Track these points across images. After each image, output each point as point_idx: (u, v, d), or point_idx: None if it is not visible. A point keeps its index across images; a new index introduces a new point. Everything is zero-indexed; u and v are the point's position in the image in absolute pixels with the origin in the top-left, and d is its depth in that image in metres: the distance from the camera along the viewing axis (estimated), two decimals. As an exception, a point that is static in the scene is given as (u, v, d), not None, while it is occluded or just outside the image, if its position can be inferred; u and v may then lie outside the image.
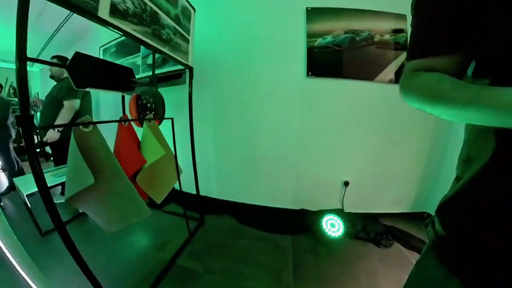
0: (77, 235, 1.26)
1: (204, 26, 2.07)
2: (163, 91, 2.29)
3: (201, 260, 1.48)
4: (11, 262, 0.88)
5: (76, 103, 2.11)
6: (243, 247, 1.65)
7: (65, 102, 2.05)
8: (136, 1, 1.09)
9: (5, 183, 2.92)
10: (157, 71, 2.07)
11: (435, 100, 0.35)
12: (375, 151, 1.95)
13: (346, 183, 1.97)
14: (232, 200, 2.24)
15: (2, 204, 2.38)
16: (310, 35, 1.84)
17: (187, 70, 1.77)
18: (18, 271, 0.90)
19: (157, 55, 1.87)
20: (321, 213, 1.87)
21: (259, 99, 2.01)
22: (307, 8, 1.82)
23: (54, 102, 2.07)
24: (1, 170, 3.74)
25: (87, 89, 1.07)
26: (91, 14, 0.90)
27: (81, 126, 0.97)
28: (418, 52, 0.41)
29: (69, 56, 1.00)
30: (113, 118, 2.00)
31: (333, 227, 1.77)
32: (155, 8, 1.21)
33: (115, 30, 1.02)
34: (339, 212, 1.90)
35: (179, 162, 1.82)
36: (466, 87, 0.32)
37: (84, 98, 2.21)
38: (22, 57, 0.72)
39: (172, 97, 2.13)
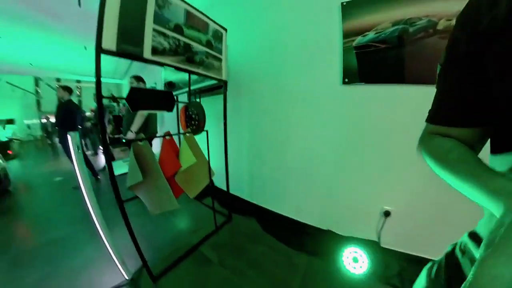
0: (137, 209, 1.78)
1: (240, 40, 2.26)
2: (209, 100, 2.67)
3: (219, 253, 1.69)
4: (92, 217, 1.35)
5: (145, 112, 2.71)
6: (259, 253, 1.71)
7: (139, 112, 2.67)
8: (171, 40, 1.37)
9: (104, 162, 4.10)
10: (201, 84, 2.41)
11: (442, 168, 0.36)
12: (432, 178, 1.49)
13: (387, 213, 1.55)
14: (260, 205, 2.30)
15: (99, 177, 3.38)
16: (347, 34, 1.56)
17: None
18: (96, 224, 1.35)
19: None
20: (349, 240, 1.66)
21: (290, 109, 1.96)
22: (342, 3, 1.57)
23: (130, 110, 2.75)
24: (95, 154, 5.37)
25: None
26: (139, 58, 1.22)
27: (138, 142, 1.35)
28: (437, 119, 0.42)
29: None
30: (172, 123, 2.43)
31: (355, 261, 1.49)
32: (187, 41, 1.47)
33: (156, 64, 1.32)
34: (373, 245, 1.59)
35: (217, 164, 2.12)
36: (468, 162, 0.33)
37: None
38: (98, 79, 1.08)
39: (216, 105, 2.44)
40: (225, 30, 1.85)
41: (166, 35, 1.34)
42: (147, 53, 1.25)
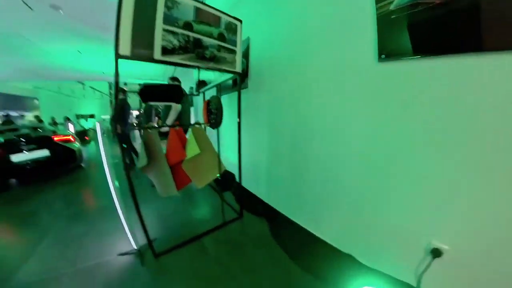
0: (154, 194, 2.01)
1: (260, 32, 2.18)
2: (232, 95, 2.70)
3: (218, 248, 1.73)
4: (112, 194, 1.58)
5: (179, 106, 2.96)
6: (258, 260, 1.60)
7: (172, 106, 2.94)
8: (181, 36, 1.42)
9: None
10: (223, 78, 2.45)
11: None
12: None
13: (437, 253, 1.04)
14: (274, 207, 2.14)
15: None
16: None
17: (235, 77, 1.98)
18: (114, 200, 1.59)
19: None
20: (373, 274, 1.29)
21: (309, 101, 1.67)
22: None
23: (167, 105, 3.04)
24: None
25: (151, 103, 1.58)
26: (150, 59, 1.32)
27: (148, 130, 1.50)
28: None
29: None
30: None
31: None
32: (197, 36, 1.50)
33: (165, 63, 1.40)
34: None
35: (236, 159, 2.16)
36: None
37: (184, 103, 3.05)
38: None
39: (243, 100, 2.41)
40: (240, 21, 1.80)
41: (175, 33, 1.40)
42: (157, 54, 1.34)
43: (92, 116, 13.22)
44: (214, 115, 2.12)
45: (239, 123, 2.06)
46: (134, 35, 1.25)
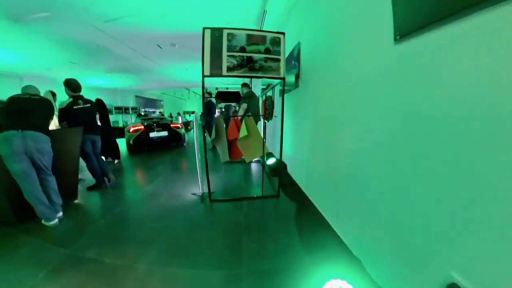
0: (225, 168, 2.99)
1: (307, 36, 2.53)
2: (292, 93, 3.13)
3: (249, 209, 2.31)
4: (196, 160, 2.53)
5: (245, 105, 3.78)
6: (272, 226, 2.01)
7: (241, 104, 3.80)
8: (238, 57, 2.11)
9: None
10: (276, 82, 3.01)
11: None
12: None
13: None
14: (308, 197, 2.46)
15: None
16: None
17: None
18: (196, 162, 2.54)
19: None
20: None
21: (340, 92, 1.70)
22: None
23: (240, 104, 3.96)
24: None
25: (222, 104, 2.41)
26: (220, 75, 2.09)
27: (218, 118, 2.35)
28: None
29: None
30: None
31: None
32: (249, 55, 2.14)
33: (230, 77, 2.13)
34: None
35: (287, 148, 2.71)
36: None
37: (250, 102, 3.85)
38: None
39: (291, 98, 2.95)
40: (283, 34, 2.28)
41: (234, 56, 2.10)
42: (224, 72, 2.09)
43: (193, 112, 17.64)
44: (268, 110, 2.78)
45: (282, 119, 2.49)
46: (211, 62, 2.05)
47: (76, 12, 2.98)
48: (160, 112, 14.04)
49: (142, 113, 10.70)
